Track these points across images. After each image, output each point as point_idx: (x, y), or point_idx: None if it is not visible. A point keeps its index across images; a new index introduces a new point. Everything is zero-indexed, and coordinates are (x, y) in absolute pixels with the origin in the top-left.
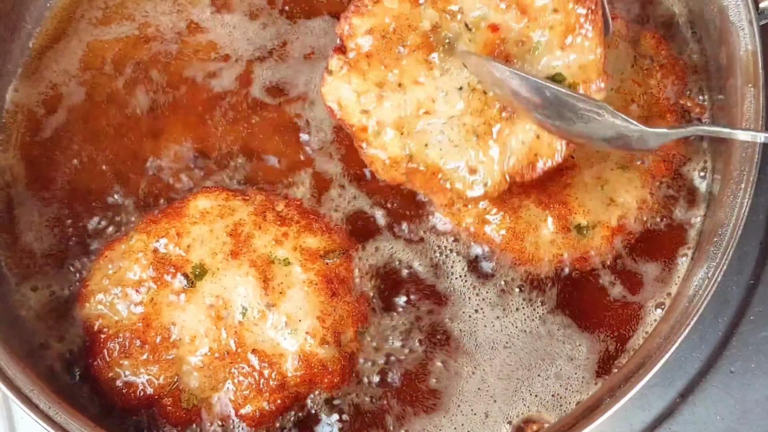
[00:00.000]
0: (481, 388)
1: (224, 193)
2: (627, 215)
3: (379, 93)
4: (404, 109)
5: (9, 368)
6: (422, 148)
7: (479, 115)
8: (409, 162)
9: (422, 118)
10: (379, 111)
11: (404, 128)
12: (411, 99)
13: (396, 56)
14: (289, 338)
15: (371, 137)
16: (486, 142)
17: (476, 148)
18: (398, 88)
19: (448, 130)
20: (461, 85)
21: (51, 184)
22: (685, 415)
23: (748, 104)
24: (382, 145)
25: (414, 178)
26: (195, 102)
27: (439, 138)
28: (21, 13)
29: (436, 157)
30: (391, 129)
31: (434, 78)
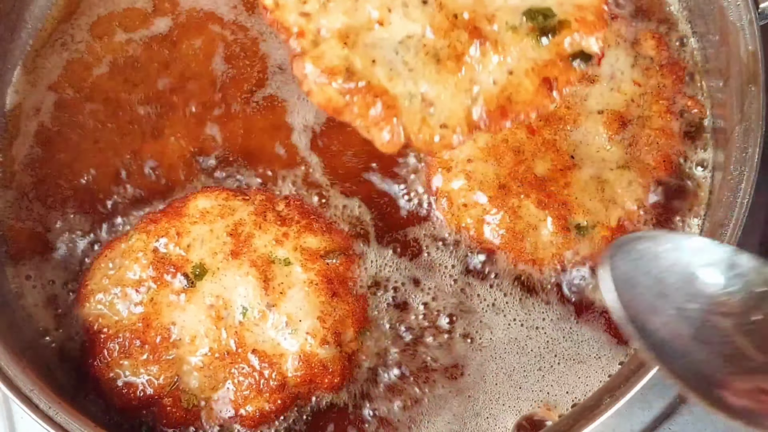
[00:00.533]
0: (482, 386)
1: (224, 192)
2: (627, 215)
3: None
4: (353, 16)
5: (9, 368)
6: (368, 65)
7: (444, 36)
8: (349, 78)
9: (374, 30)
10: (323, 15)
11: (350, 38)
12: (363, 6)
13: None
14: (290, 338)
15: (307, 45)
16: (449, 71)
17: (435, 76)
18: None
19: (404, 49)
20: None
21: (51, 184)
22: (685, 415)
23: (749, 104)
24: (319, 55)
25: (353, 98)
26: (195, 102)
27: (392, 57)
28: (21, 13)
29: (384, 77)
30: (334, 38)
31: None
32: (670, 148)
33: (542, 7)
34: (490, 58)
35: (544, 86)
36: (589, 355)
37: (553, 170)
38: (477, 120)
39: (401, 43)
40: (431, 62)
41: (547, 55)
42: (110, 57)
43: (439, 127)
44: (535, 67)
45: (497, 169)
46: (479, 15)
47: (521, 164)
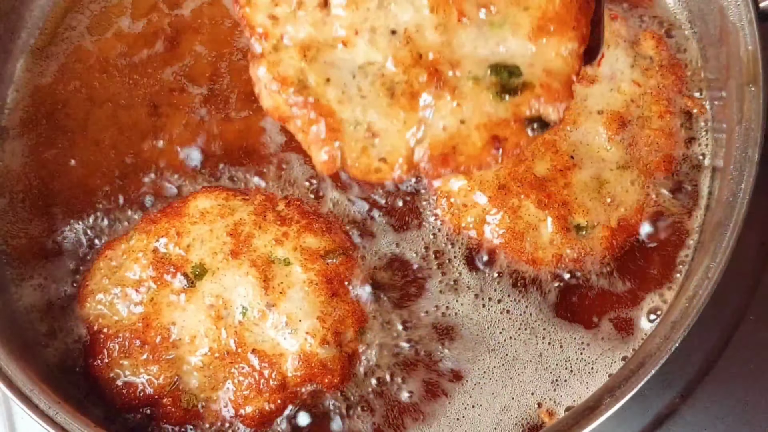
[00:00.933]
0: (482, 385)
1: (224, 192)
2: (627, 215)
3: (298, 1)
4: (320, 30)
5: (9, 368)
6: (322, 82)
7: (404, 71)
8: (299, 91)
9: (337, 50)
10: (290, 23)
11: (310, 52)
12: (332, 23)
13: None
14: (290, 338)
15: (268, 48)
16: (400, 107)
17: (386, 110)
18: (323, 6)
19: (362, 76)
20: (396, 29)
21: (51, 184)
22: (685, 415)
23: (749, 104)
24: (276, 62)
25: (299, 111)
26: (195, 101)
27: (347, 80)
28: (21, 13)
29: (334, 99)
30: (295, 48)
31: (368, 8)
32: (670, 148)
33: (511, 64)
34: (445, 104)
35: (492, 144)
36: (589, 354)
37: (552, 170)
38: (417, 161)
39: (360, 68)
40: (385, 94)
41: (503, 113)
42: (110, 57)
43: (378, 159)
44: (488, 123)
45: (497, 170)
46: (444, 58)
47: (521, 164)
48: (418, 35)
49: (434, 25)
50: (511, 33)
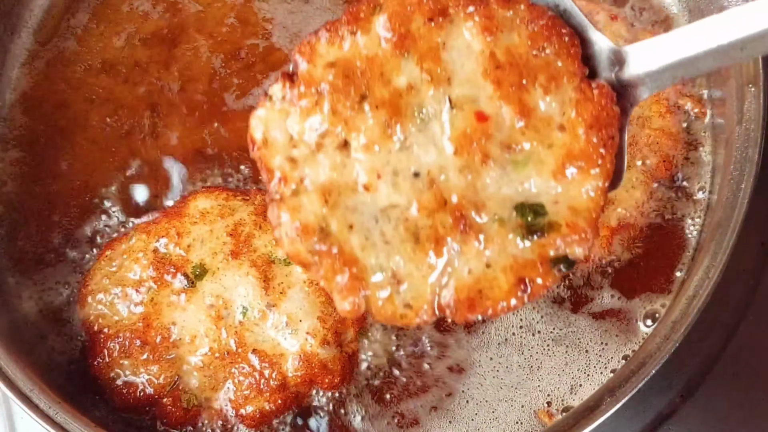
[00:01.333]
0: (482, 384)
1: (224, 192)
2: (627, 215)
3: (317, 143)
4: (341, 174)
5: (9, 368)
6: (344, 229)
7: (428, 215)
8: (322, 240)
9: (358, 193)
10: (309, 165)
11: (332, 197)
12: (352, 165)
13: (352, 106)
14: (290, 338)
15: (287, 192)
16: (425, 253)
17: (411, 255)
18: (342, 147)
19: (385, 220)
20: (419, 171)
21: (51, 184)
22: (685, 415)
23: (748, 104)
24: (297, 207)
25: (322, 261)
26: (196, 101)
27: (370, 225)
28: (21, 13)
29: (357, 245)
30: (316, 192)
31: (389, 150)
32: (670, 148)
33: (535, 202)
34: (471, 247)
35: (518, 286)
36: (589, 354)
37: None
38: (443, 305)
39: (383, 211)
40: (410, 239)
41: (529, 255)
42: (110, 57)
43: (403, 306)
44: (514, 265)
45: None
46: (468, 201)
47: None
48: (442, 178)
49: (458, 168)
50: (536, 171)
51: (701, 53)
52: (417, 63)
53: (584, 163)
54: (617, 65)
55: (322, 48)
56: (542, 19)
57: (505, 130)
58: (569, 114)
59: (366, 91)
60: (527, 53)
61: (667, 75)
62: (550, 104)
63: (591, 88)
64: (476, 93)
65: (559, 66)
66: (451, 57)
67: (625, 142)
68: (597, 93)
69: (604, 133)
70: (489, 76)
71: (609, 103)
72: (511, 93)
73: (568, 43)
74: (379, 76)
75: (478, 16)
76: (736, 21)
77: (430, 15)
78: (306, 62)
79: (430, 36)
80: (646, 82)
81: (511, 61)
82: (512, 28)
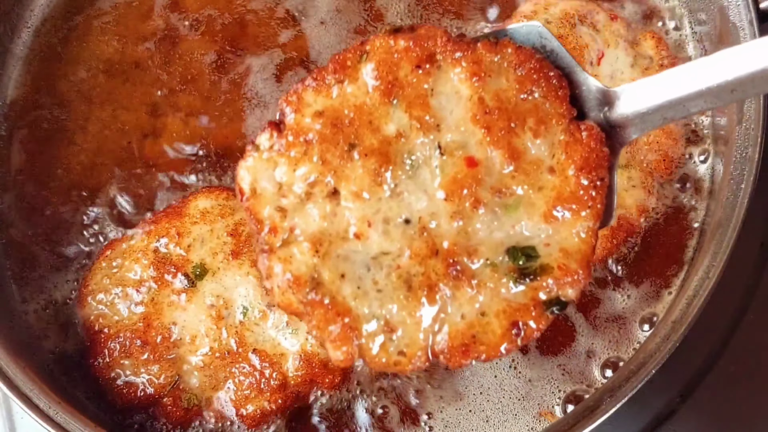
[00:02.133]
0: (482, 383)
1: (225, 192)
2: (627, 215)
3: (306, 192)
4: (331, 223)
5: (9, 368)
6: (336, 279)
7: (420, 262)
8: (314, 290)
9: (349, 242)
10: (299, 215)
11: (322, 247)
12: (343, 214)
13: (341, 155)
14: (290, 338)
15: (277, 243)
16: (418, 300)
17: (403, 302)
18: (332, 196)
19: (377, 268)
20: (410, 218)
21: (51, 183)
22: (685, 415)
23: (748, 104)
24: (288, 258)
25: (314, 311)
26: (195, 101)
27: (362, 273)
28: (21, 13)
29: (349, 295)
30: (307, 242)
31: (380, 198)
32: (670, 148)
33: (527, 245)
34: (464, 293)
35: (512, 330)
36: (590, 353)
37: None
38: (437, 351)
39: (374, 259)
40: (402, 287)
41: (522, 298)
42: (110, 57)
43: (397, 353)
44: (507, 309)
45: None
46: (460, 247)
47: None
48: (433, 224)
49: (449, 214)
50: (527, 214)
51: (691, 94)
52: (405, 110)
53: (574, 205)
54: (606, 105)
55: (309, 97)
56: (529, 62)
57: (495, 174)
58: (559, 156)
59: (355, 140)
60: (515, 97)
61: (657, 116)
62: (540, 147)
63: (580, 130)
64: (466, 138)
65: (548, 108)
66: (439, 103)
67: (615, 180)
68: (586, 135)
69: (594, 175)
70: (478, 122)
71: (598, 144)
72: (500, 138)
73: (556, 85)
74: (367, 124)
75: (465, 62)
76: (726, 63)
77: (418, 62)
78: (293, 112)
79: (418, 83)
80: (636, 122)
81: (500, 106)
82: (500, 73)
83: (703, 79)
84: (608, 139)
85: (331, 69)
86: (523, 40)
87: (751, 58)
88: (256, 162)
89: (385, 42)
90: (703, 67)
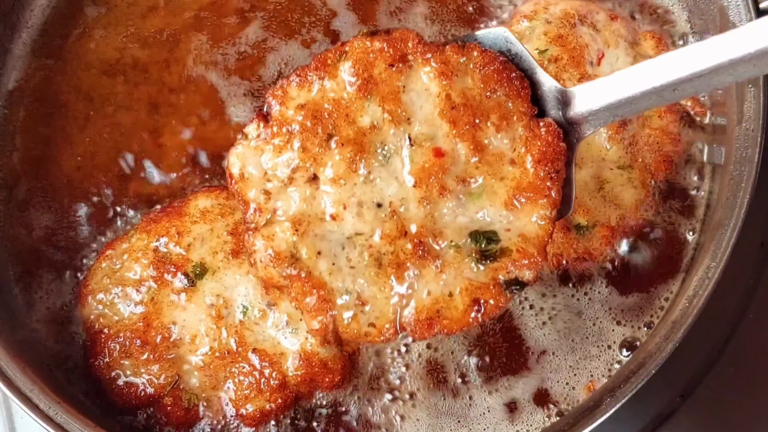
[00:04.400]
0: (483, 383)
1: (225, 192)
2: (626, 215)
3: (289, 177)
4: (310, 205)
5: (9, 368)
6: (313, 256)
7: (390, 242)
8: (292, 265)
9: (326, 222)
10: (282, 198)
11: (302, 226)
12: (321, 197)
13: (320, 144)
14: (290, 337)
15: (261, 222)
16: (387, 276)
17: (374, 279)
18: (311, 181)
19: (350, 247)
20: (382, 202)
21: (51, 183)
22: (685, 415)
23: (748, 104)
24: (270, 236)
25: (293, 284)
26: (195, 101)
27: (337, 251)
28: (21, 13)
29: (325, 270)
30: (288, 222)
31: (354, 183)
32: (670, 147)
33: (488, 230)
34: (429, 271)
35: (473, 307)
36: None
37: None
38: (404, 324)
39: (349, 239)
40: (373, 265)
41: (483, 278)
42: (110, 57)
43: (367, 325)
44: (469, 287)
45: None
46: (427, 229)
47: None
48: (403, 208)
49: (418, 199)
50: (489, 202)
51: (638, 94)
52: (379, 104)
53: (533, 194)
54: (563, 104)
55: (293, 91)
56: (493, 64)
57: (460, 164)
58: (519, 150)
59: (333, 130)
60: (480, 95)
61: (608, 113)
62: (502, 141)
63: (539, 126)
64: (434, 131)
65: (510, 107)
66: (410, 99)
67: (573, 173)
68: (544, 131)
69: (551, 167)
70: (445, 116)
71: (555, 140)
72: (465, 131)
73: (518, 85)
74: (344, 117)
75: (434, 62)
76: (668, 65)
77: (391, 61)
78: (278, 104)
79: (391, 80)
80: (590, 119)
81: (466, 103)
82: (466, 73)
83: (647, 80)
84: (566, 136)
85: (313, 66)
86: (491, 44)
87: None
88: (245, 149)
89: (362, 43)
90: (648, 69)
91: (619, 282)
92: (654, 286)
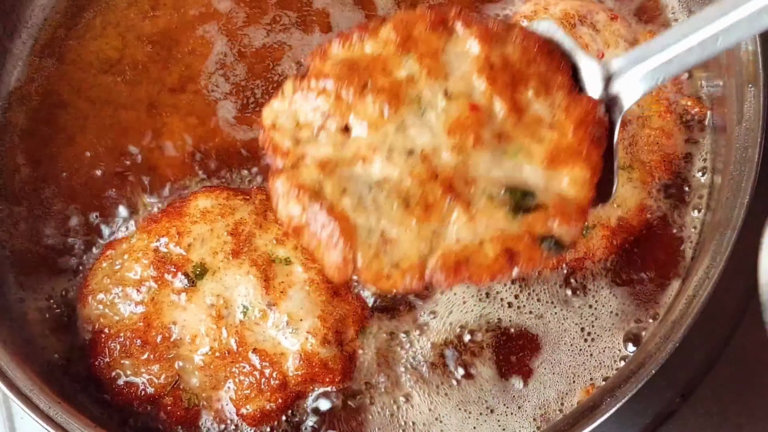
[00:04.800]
0: (482, 387)
1: (225, 192)
2: (626, 215)
3: (320, 126)
4: (339, 151)
5: (9, 368)
6: (338, 192)
7: (420, 185)
8: (314, 197)
9: (355, 165)
10: (312, 144)
11: (328, 166)
12: (351, 144)
13: (355, 93)
14: (290, 337)
15: (288, 165)
16: (414, 218)
17: (400, 219)
18: (343, 131)
19: (377, 189)
20: (413, 149)
21: (51, 183)
22: (685, 415)
23: (748, 104)
24: (296, 175)
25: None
26: (196, 101)
27: (363, 192)
28: (21, 13)
29: (348, 206)
30: (314, 164)
31: (386, 131)
32: (670, 148)
33: (525, 187)
34: (459, 217)
35: (505, 257)
36: (590, 352)
37: None
38: (430, 271)
39: (377, 183)
40: (400, 204)
41: (516, 228)
42: (110, 57)
43: (390, 265)
44: (501, 236)
45: None
46: (459, 176)
47: None
48: (435, 156)
49: (450, 147)
50: (526, 161)
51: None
52: (417, 60)
53: (572, 157)
54: (604, 81)
55: (333, 50)
56: (533, 38)
57: (497, 122)
58: (560, 116)
59: (368, 81)
60: (521, 62)
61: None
62: (541, 105)
63: (580, 98)
64: (471, 88)
65: (550, 77)
66: (449, 59)
67: (617, 155)
68: (585, 100)
69: (592, 132)
70: (483, 75)
71: (596, 107)
72: (504, 92)
73: (558, 59)
74: (381, 70)
75: (476, 27)
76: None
77: (432, 24)
78: (316, 61)
79: (431, 40)
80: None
81: (505, 66)
82: (507, 42)
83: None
84: (609, 112)
85: (356, 30)
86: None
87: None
88: (280, 104)
89: (404, 11)
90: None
91: (619, 282)
92: (654, 285)
